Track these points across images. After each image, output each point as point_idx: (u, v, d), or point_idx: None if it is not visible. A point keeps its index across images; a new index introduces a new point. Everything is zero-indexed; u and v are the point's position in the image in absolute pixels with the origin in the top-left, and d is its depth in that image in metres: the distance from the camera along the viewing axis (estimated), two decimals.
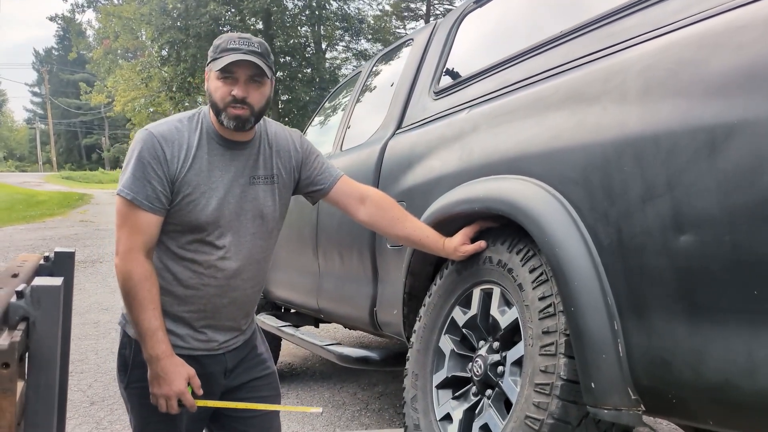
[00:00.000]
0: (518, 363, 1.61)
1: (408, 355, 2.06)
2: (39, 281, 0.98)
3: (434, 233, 1.86)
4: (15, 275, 1.15)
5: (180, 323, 1.69)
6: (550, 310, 1.50)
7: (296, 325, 3.49)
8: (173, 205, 1.62)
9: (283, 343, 3.99)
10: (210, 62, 1.66)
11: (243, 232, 1.70)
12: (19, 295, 0.95)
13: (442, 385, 1.90)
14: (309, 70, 20.06)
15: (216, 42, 1.67)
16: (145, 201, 1.58)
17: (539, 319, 1.51)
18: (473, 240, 1.82)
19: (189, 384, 1.61)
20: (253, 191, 1.71)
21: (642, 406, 1.35)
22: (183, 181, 1.61)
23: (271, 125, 1.82)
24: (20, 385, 0.93)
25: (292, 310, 3.96)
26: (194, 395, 1.62)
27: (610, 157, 1.37)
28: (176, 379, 1.58)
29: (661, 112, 1.28)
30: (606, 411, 1.34)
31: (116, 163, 50.98)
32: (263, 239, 1.75)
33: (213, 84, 1.65)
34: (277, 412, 1.88)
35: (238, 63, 1.60)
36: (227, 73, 1.62)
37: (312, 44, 20.92)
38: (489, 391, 1.71)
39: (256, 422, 1.81)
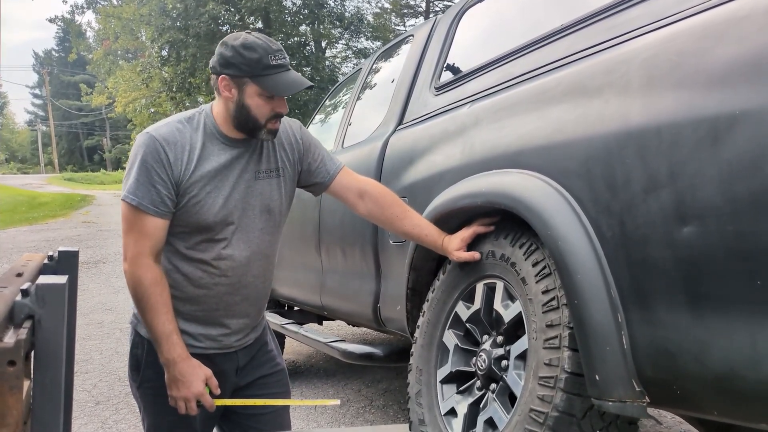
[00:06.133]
0: (522, 357, 1.62)
1: (412, 350, 2.06)
2: (44, 279, 0.98)
3: (434, 231, 1.86)
4: (19, 274, 1.15)
5: (193, 322, 1.68)
6: (554, 303, 1.49)
7: (299, 323, 3.49)
8: (179, 207, 1.61)
9: (287, 340, 3.99)
10: (250, 77, 1.60)
11: (251, 227, 1.69)
12: (24, 293, 0.95)
13: (447, 380, 1.90)
14: (308, 69, 20.04)
15: (246, 53, 1.59)
16: (150, 206, 1.57)
17: (543, 312, 1.51)
18: (471, 243, 1.83)
19: (206, 384, 1.61)
20: (259, 186, 1.70)
21: (646, 397, 1.35)
22: (188, 183, 1.60)
23: None
24: (26, 384, 0.93)
25: (296, 308, 3.96)
26: (212, 395, 1.63)
27: (613, 149, 1.37)
28: (194, 381, 1.58)
29: (663, 103, 1.28)
30: (611, 403, 1.34)
31: (118, 164, 51.02)
32: (270, 234, 1.74)
33: (254, 101, 1.62)
34: (287, 409, 1.88)
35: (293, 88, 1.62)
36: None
37: (311, 43, 20.89)
38: (493, 385, 1.71)
39: (267, 419, 1.81)
